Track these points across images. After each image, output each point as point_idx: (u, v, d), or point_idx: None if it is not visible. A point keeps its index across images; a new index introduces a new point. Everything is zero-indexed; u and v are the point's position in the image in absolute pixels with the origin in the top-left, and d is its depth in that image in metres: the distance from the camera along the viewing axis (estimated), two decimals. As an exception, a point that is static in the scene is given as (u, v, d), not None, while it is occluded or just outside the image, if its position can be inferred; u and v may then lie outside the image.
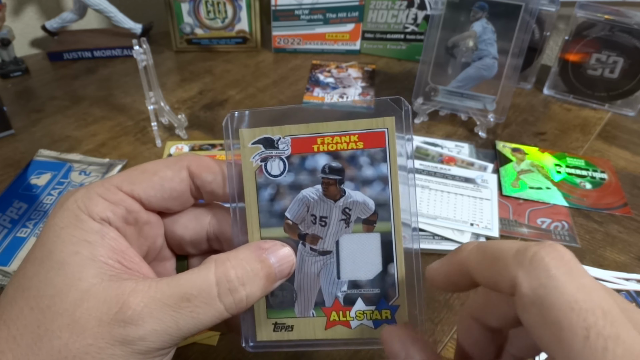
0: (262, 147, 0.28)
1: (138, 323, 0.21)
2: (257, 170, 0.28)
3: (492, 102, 0.64)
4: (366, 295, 0.27)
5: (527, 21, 0.59)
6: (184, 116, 0.63)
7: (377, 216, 0.27)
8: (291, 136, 0.28)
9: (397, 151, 0.27)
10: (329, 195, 0.28)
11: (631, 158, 0.64)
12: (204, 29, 0.86)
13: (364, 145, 0.27)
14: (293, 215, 0.28)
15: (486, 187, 0.55)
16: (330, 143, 0.28)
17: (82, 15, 0.84)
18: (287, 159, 0.28)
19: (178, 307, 0.21)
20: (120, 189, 0.24)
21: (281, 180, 0.28)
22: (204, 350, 0.39)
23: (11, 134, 0.63)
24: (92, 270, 0.22)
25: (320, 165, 0.28)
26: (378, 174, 0.28)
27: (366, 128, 0.27)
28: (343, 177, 0.28)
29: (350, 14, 0.85)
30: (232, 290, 0.22)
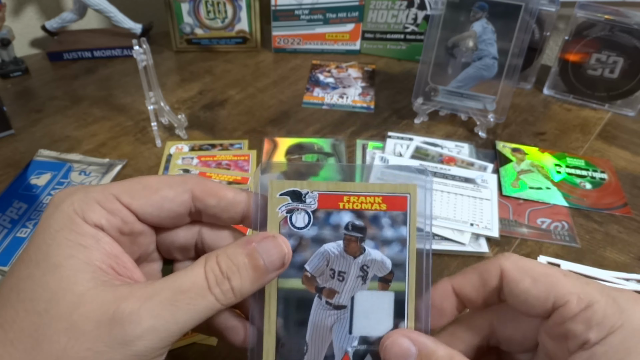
0: (289, 199, 0.29)
1: (136, 321, 0.21)
2: (282, 221, 0.28)
3: (492, 102, 0.64)
4: (375, 351, 0.27)
5: (527, 21, 0.59)
6: (184, 116, 0.63)
7: (393, 275, 0.28)
8: (319, 191, 0.29)
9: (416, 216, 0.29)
10: (350, 251, 0.29)
11: (631, 158, 0.64)
12: (204, 29, 0.86)
13: (387, 208, 0.29)
14: (312, 268, 0.28)
15: (486, 187, 0.55)
16: (355, 202, 0.29)
17: (82, 15, 0.84)
18: (313, 213, 0.29)
19: (174, 301, 0.21)
20: (118, 200, 0.24)
21: (304, 233, 0.29)
22: (204, 350, 0.39)
23: (11, 134, 0.63)
24: (86, 274, 0.22)
25: (344, 222, 0.29)
26: (397, 235, 0.29)
27: (390, 192, 0.29)
28: (365, 235, 0.29)
29: (350, 14, 0.85)
30: (220, 282, 0.23)
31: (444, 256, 0.48)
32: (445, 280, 0.27)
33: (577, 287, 0.23)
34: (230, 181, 0.56)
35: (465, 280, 0.26)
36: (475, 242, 0.49)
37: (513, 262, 0.25)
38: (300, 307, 0.28)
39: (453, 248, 0.48)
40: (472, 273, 0.26)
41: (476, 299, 0.26)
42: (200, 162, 0.59)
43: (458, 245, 0.49)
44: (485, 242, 0.49)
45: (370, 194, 0.29)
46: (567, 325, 0.23)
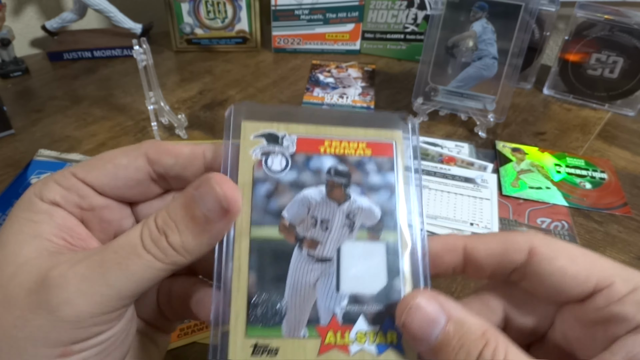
0: (265, 142, 0.26)
1: (61, 285, 0.19)
2: (256, 164, 0.25)
3: (492, 102, 0.64)
4: (369, 313, 0.24)
5: (527, 21, 0.59)
6: (184, 116, 0.63)
7: (383, 225, 0.25)
8: (297, 135, 0.26)
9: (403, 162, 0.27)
10: (334, 197, 0.26)
11: (631, 158, 0.64)
12: (204, 29, 0.86)
13: (372, 153, 0.27)
14: (291, 216, 0.25)
15: (486, 187, 0.55)
16: (337, 147, 0.26)
17: (82, 15, 0.84)
18: (291, 157, 0.26)
19: (103, 261, 0.20)
20: (74, 176, 0.23)
21: (281, 177, 0.25)
22: (204, 350, 0.39)
23: (11, 134, 0.63)
24: (31, 247, 0.21)
25: (325, 167, 0.26)
26: (385, 182, 0.26)
27: (375, 137, 0.27)
28: (349, 180, 0.26)
29: (350, 14, 0.85)
30: (155, 239, 0.20)
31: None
32: (456, 235, 0.25)
33: (619, 269, 0.22)
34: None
35: (483, 243, 0.24)
36: (475, 241, 0.49)
37: (544, 240, 0.23)
38: (277, 259, 0.24)
39: (453, 248, 0.48)
40: (494, 239, 0.24)
41: (486, 267, 0.24)
42: (200, 162, 0.59)
43: (458, 245, 0.49)
44: (485, 241, 0.49)
45: (354, 139, 0.27)
46: (613, 308, 0.21)
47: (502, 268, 0.24)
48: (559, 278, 0.22)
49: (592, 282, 0.22)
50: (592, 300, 0.22)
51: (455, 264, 0.25)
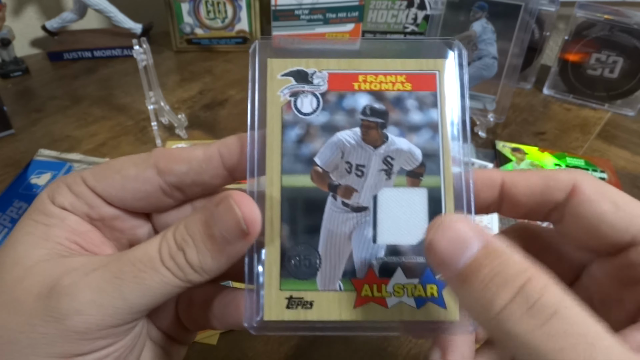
0: (293, 81, 0.24)
1: (73, 294, 0.18)
2: (285, 106, 0.23)
3: (492, 102, 0.64)
4: (408, 264, 0.22)
5: (527, 21, 0.59)
6: (184, 116, 0.63)
7: (425, 168, 0.23)
8: (329, 71, 0.24)
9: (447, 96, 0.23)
10: (369, 140, 0.24)
11: (631, 158, 0.64)
12: (204, 29, 0.86)
13: (412, 87, 0.24)
14: (324, 162, 0.23)
15: (486, 187, 0.55)
16: (373, 82, 0.24)
17: (82, 15, 0.84)
18: (322, 96, 0.24)
19: (120, 273, 0.19)
20: (85, 182, 0.22)
21: (313, 120, 0.23)
22: (204, 349, 0.39)
23: (11, 133, 0.63)
24: (42, 249, 0.20)
25: (360, 106, 0.24)
26: (427, 119, 0.24)
27: (415, 69, 0.24)
28: (386, 120, 0.24)
29: (350, 14, 0.85)
30: (174, 254, 0.20)
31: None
32: (496, 170, 0.23)
33: None
34: (231, 181, 0.56)
35: (524, 179, 0.22)
36: (475, 241, 0.49)
37: (589, 179, 0.21)
38: (310, 210, 0.23)
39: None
40: (535, 175, 0.22)
41: (524, 204, 0.22)
42: (201, 162, 0.59)
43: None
44: (485, 241, 0.49)
45: (391, 72, 0.24)
46: None
47: (541, 206, 0.22)
48: (597, 223, 0.20)
49: (630, 234, 0.20)
50: (627, 254, 0.20)
51: (492, 200, 0.23)
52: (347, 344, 0.39)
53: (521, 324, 0.15)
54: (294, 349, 0.38)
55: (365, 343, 0.39)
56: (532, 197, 0.22)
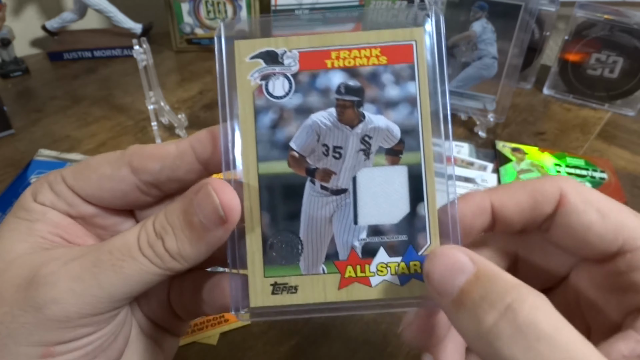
0: (263, 63, 0.23)
1: (51, 283, 0.19)
2: (256, 91, 0.23)
3: (492, 102, 0.64)
4: (390, 243, 0.22)
5: (527, 21, 0.59)
6: (184, 116, 0.63)
7: (404, 145, 0.22)
8: (299, 49, 0.23)
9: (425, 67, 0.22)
10: (345, 120, 0.23)
11: (631, 158, 0.64)
12: (204, 29, 0.86)
13: (388, 61, 0.23)
14: (300, 146, 0.23)
15: (486, 187, 0.55)
16: (347, 58, 0.23)
17: (82, 15, 0.84)
18: (294, 77, 0.23)
19: (98, 261, 0.19)
20: (64, 181, 0.22)
21: (286, 103, 0.23)
22: (204, 349, 0.39)
23: (11, 133, 0.63)
24: (24, 243, 0.21)
25: (334, 84, 0.23)
26: (404, 94, 0.23)
27: (390, 40, 0.23)
28: (362, 98, 0.23)
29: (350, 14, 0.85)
30: (152, 243, 0.20)
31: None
32: (482, 193, 0.22)
33: None
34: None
35: (510, 197, 0.22)
36: (475, 241, 0.49)
37: (575, 187, 0.21)
38: (289, 195, 0.22)
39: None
40: (521, 190, 0.22)
41: (517, 222, 0.22)
42: (200, 162, 0.59)
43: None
44: (485, 241, 0.49)
45: (365, 46, 0.23)
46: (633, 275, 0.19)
47: (532, 222, 0.22)
48: (584, 233, 0.20)
49: (618, 243, 0.20)
50: (614, 262, 0.20)
51: (485, 226, 0.22)
52: (347, 343, 0.39)
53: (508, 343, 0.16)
54: (294, 348, 0.38)
55: (365, 343, 0.39)
56: (523, 214, 0.22)
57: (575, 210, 0.20)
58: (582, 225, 0.20)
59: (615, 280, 0.20)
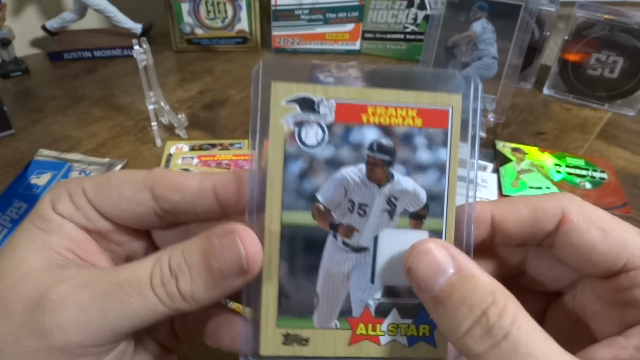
0: (299, 108, 0.23)
1: (58, 309, 0.18)
2: (289, 137, 0.22)
3: (492, 102, 0.64)
4: (403, 305, 0.22)
5: (527, 21, 0.59)
6: (184, 116, 0.63)
7: (428, 210, 0.23)
8: (337, 100, 0.23)
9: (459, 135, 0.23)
10: (374, 178, 0.23)
11: (631, 158, 0.64)
12: (204, 29, 0.86)
13: (423, 124, 0.23)
14: (326, 199, 0.22)
15: (486, 187, 0.55)
16: (383, 115, 0.23)
17: (82, 15, 0.84)
18: (328, 127, 0.23)
19: (107, 294, 0.19)
20: (84, 194, 0.22)
21: (317, 153, 0.22)
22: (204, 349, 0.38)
23: (11, 133, 0.63)
24: (39, 257, 0.20)
25: (367, 140, 0.23)
26: (435, 159, 0.23)
27: (428, 103, 0.23)
28: (394, 158, 0.23)
29: (350, 14, 0.85)
30: (166, 282, 0.19)
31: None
32: (483, 204, 0.23)
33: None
34: (230, 181, 0.56)
35: (512, 212, 0.22)
36: (475, 241, 0.49)
37: (578, 205, 0.21)
38: (309, 248, 0.22)
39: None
40: (523, 206, 0.22)
41: (517, 237, 0.22)
42: (201, 162, 0.59)
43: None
44: (485, 241, 0.49)
45: (402, 105, 0.23)
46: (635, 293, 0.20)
47: (532, 237, 0.22)
48: (587, 251, 0.21)
49: (621, 261, 0.20)
50: (617, 279, 0.21)
51: (483, 236, 0.23)
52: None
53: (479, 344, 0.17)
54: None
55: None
56: (523, 229, 0.22)
57: (578, 229, 0.21)
58: (585, 244, 0.21)
59: (617, 296, 0.21)
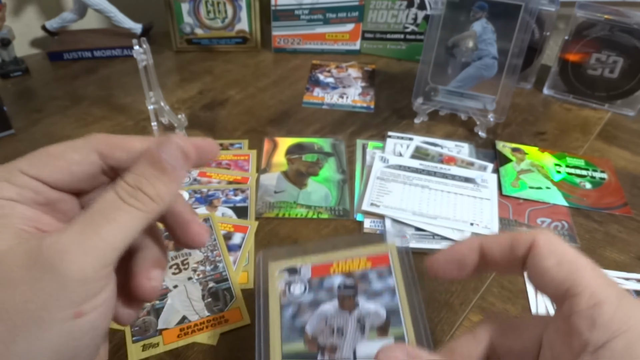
0: (287, 274, 0.35)
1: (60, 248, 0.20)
2: (282, 293, 0.34)
3: (492, 102, 0.64)
4: None
5: (527, 21, 0.59)
6: (184, 116, 0.63)
7: (390, 322, 0.31)
8: (312, 263, 0.35)
9: (400, 268, 0.34)
10: (345, 307, 0.33)
11: (631, 158, 0.64)
12: (204, 29, 0.86)
13: (372, 265, 0.34)
14: (313, 329, 0.31)
15: (486, 187, 0.55)
16: (343, 266, 0.35)
17: (82, 15, 0.84)
18: (308, 282, 0.34)
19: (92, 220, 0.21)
20: (24, 173, 0.23)
21: (302, 299, 0.33)
22: (204, 350, 0.39)
23: (11, 133, 0.63)
24: (8, 235, 0.21)
25: (336, 284, 0.34)
26: (386, 286, 0.34)
27: (372, 251, 0.35)
28: (356, 291, 0.34)
29: (350, 14, 0.85)
30: (132, 194, 0.22)
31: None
32: (475, 238, 0.27)
33: (595, 283, 0.22)
34: (231, 181, 0.56)
35: (495, 241, 0.26)
36: (475, 241, 0.49)
37: (547, 239, 0.24)
38: None
39: (453, 248, 0.48)
40: (504, 237, 0.26)
41: (500, 261, 0.26)
42: (200, 162, 0.59)
43: (458, 245, 0.49)
44: (485, 241, 0.49)
45: (356, 257, 0.35)
46: (573, 319, 0.22)
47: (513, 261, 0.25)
48: (542, 276, 0.24)
49: (564, 287, 0.23)
50: (562, 308, 0.23)
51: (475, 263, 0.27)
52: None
53: None
54: (294, 349, 0.38)
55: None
56: (503, 254, 0.26)
57: (540, 254, 0.24)
58: (542, 268, 0.24)
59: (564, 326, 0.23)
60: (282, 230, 0.50)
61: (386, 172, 0.57)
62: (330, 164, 0.60)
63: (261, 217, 0.51)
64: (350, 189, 0.56)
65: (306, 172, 0.58)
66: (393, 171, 0.57)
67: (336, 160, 0.60)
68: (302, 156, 0.61)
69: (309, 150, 0.62)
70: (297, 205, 0.53)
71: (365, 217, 0.52)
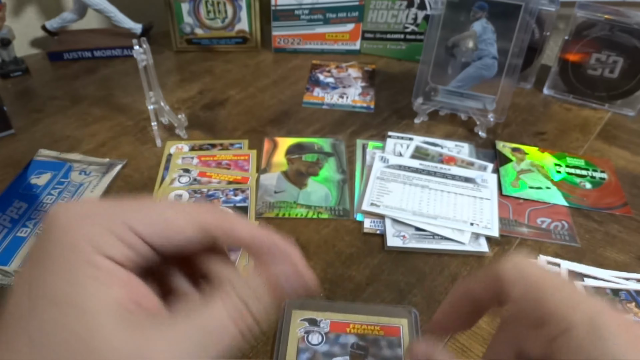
0: (307, 324, 0.39)
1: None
2: (300, 339, 0.38)
3: (492, 102, 0.64)
4: None
5: (527, 21, 0.59)
6: (184, 116, 0.63)
7: None
8: (331, 320, 0.39)
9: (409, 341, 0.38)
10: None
11: (631, 158, 0.64)
12: (204, 29, 0.86)
13: (384, 333, 0.38)
14: None
15: (486, 187, 0.55)
16: (359, 328, 0.39)
17: (82, 15, 0.84)
18: (325, 334, 0.38)
19: (204, 345, 0.21)
20: (132, 230, 0.21)
21: (318, 349, 0.37)
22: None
23: (11, 133, 0.63)
24: (109, 316, 0.19)
25: (350, 342, 0.38)
26: (394, 355, 0.37)
27: (386, 323, 0.39)
28: (368, 353, 0.37)
29: (350, 14, 0.85)
30: (244, 317, 0.22)
31: (444, 256, 0.48)
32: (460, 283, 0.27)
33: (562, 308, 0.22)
34: (230, 180, 0.56)
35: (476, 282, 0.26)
36: (475, 241, 0.49)
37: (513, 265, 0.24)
38: None
39: (453, 247, 0.48)
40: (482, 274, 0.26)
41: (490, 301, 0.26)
42: (200, 162, 0.59)
43: (458, 244, 0.49)
44: (485, 241, 0.49)
45: (371, 324, 0.39)
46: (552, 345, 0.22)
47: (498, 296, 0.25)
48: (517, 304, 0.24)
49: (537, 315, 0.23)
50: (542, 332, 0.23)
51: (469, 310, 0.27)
52: (347, 344, 0.39)
53: None
54: (294, 349, 0.38)
55: (365, 343, 0.39)
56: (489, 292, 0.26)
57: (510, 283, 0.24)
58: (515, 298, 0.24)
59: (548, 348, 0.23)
60: (282, 230, 0.50)
61: (386, 172, 0.57)
62: (330, 164, 0.60)
63: (261, 217, 0.51)
64: (350, 189, 0.56)
65: (306, 172, 0.58)
66: (393, 171, 0.57)
67: (336, 160, 0.60)
68: (302, 156, 0.61)
69: (309, 150, 0.62)
70: (297, 205, 0.53)
71: (365, 217, 0.52)
